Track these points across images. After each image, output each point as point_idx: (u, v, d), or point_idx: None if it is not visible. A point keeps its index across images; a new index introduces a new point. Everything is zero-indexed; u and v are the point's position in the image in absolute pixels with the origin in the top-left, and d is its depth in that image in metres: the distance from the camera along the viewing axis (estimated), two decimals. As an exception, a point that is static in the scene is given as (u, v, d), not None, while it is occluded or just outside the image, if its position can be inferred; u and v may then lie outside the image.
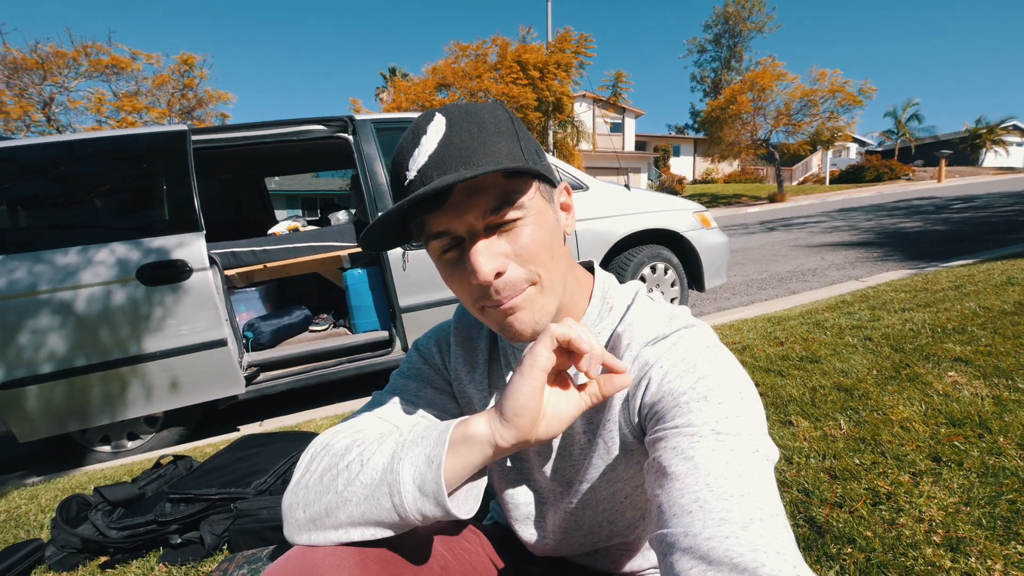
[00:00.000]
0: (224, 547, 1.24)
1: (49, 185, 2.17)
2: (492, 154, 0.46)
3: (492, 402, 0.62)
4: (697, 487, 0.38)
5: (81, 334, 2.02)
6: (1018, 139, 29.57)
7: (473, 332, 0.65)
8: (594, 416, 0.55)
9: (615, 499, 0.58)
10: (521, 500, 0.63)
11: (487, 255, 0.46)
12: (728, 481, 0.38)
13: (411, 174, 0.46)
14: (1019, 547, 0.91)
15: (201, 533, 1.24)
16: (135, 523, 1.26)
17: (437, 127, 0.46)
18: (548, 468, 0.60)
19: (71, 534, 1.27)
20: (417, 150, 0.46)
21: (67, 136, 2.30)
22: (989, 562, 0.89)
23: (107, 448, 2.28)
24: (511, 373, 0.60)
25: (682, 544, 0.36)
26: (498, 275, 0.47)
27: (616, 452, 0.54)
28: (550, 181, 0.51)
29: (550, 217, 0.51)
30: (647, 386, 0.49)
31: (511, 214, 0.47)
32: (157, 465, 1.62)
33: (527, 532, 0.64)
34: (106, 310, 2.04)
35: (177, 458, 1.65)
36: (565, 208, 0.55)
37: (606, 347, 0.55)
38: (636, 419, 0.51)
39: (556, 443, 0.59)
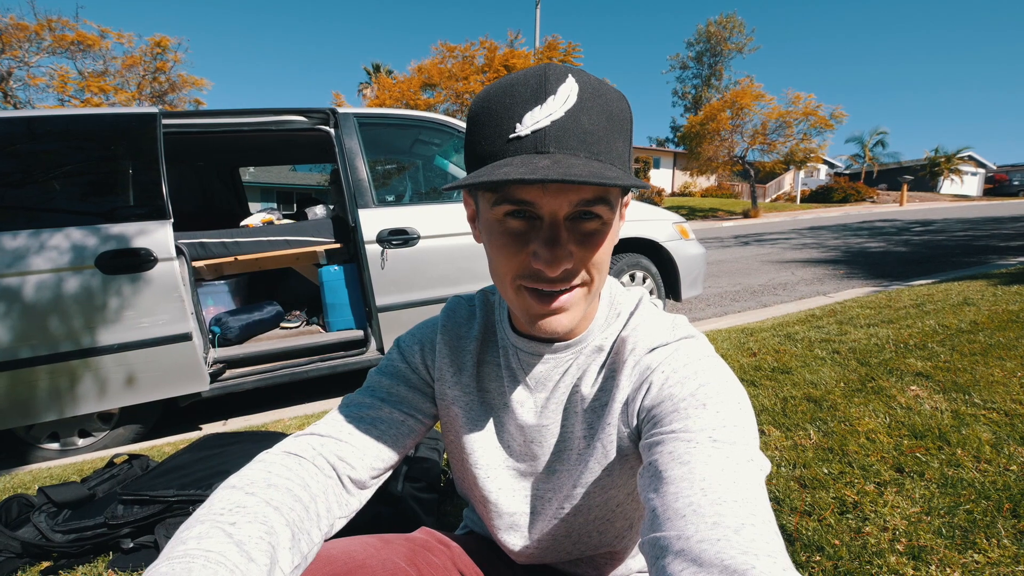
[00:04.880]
0: (180, 552, 1.18)
1: (3, 163, 2.04)
2: (613, 151, 0.43)
3: (482, 404, 0.61)
4: (691, 492, 0.38)
5: (34, 323, 1.89)
6: (972, 169, 31.42)
7: (463, 331, 0.63)
8: (594, 420, 0.55)
9: (607, 506, 0.57)
10: (508, 507, 0.61)
11: (565, 251, 0.44)
12: (722, 487, 0.38)
13: (524, 129, 0.41)
14: (976, 556, 0.94)
15: (156, 537, 1.17)
16: (82, 526, 1.18)
17: (567, 92, 0.42)
18: (543, 472, 0.59)
19: (10, 537, 1.18)
20: (539, 107, 0.41)
21: (26, 112, 2.17)
22: (948, 570, 0.91)
23: (55, 446, 2.14)
24: (510, 373, 0.58)
25: (675, 547, 0.35)
26: (563, 271, 0.46)
27: (613, 456, 0.54)
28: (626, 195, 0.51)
29: (617, 227, 0.50)
30: (648, 390, 0.50)
31: (601, 211, 0.45)
32: (110, 464, 1.53)
33: (512, 539, 0.62)
34: (62, 299, 1.92)
35: (132, 457, 1.56)
36: (620, 217, 0.55)
37: (610, 350, 0.55)
38: (635, 422, 0.51)
39: (553, 446, 0.58)
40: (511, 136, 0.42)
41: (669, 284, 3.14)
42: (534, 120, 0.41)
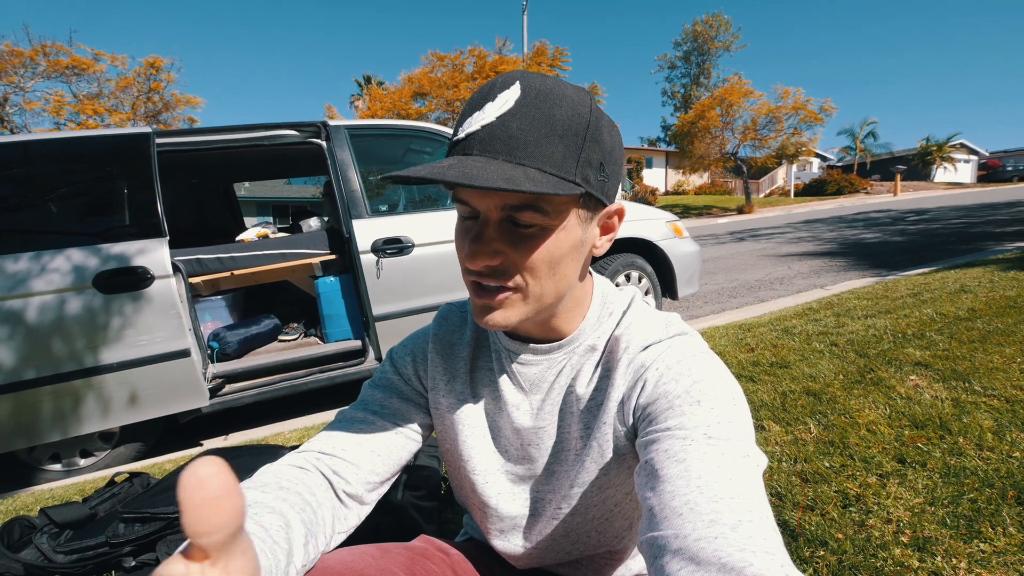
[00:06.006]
0: (183, 570, 1.17)
1: (1, 187, 2.04)
2: (541, 156, 0.42)
3: (476, 410, 0.61)
4: (688, 490, 0.38)
5: (32, 345, 1.89)
6: (965, 156, 31.54)
7: (455, 338, 0.63)
8: (590, 420, 0.55)
9: (605, 506, 0.57)
10: (507, 511, 0.61)
11: (487, 248, 0.46)
12: (718, 484, 0.38)
13: (462, 134, 0.44)
14: (982, 545, 0.94)
15: (157, 555, 1.16)
16: (84, 546, 1.18)
17: (506, 98, 0.43)
18: (541, 474, 0.59)
19: (12, 559, 1.17)
20: (479, 112, 0.44)
21: (22, 136, 2.18)
22: (954, 560, 0.91)
23: (57, 466, 2.14)
24: (504, 377, 0.59)
25: (672, 546, 0.35)
26: (487, 266, 0.47)
27: (609, 456, 0.54)
28: (598, 201, 0.48)
29: (574, 235, 0.47)
30: (643, 388, 0.50)
31: (531, 218, 0.44)
32: (111, 483, 1.52)
33: (511, 543, 0.62)
34: (60, 319, 1.92)
35: (133, 475, 1.56)
36: (607, 229, 0.53)
37: (604, 350, 0.56)
38: (630, 420, 0.51)
39: (550, 447, 0.58)
40: (454, 139, 0.45)
41: (665, 283, 3.14)
42: (470, 125, 0.44)
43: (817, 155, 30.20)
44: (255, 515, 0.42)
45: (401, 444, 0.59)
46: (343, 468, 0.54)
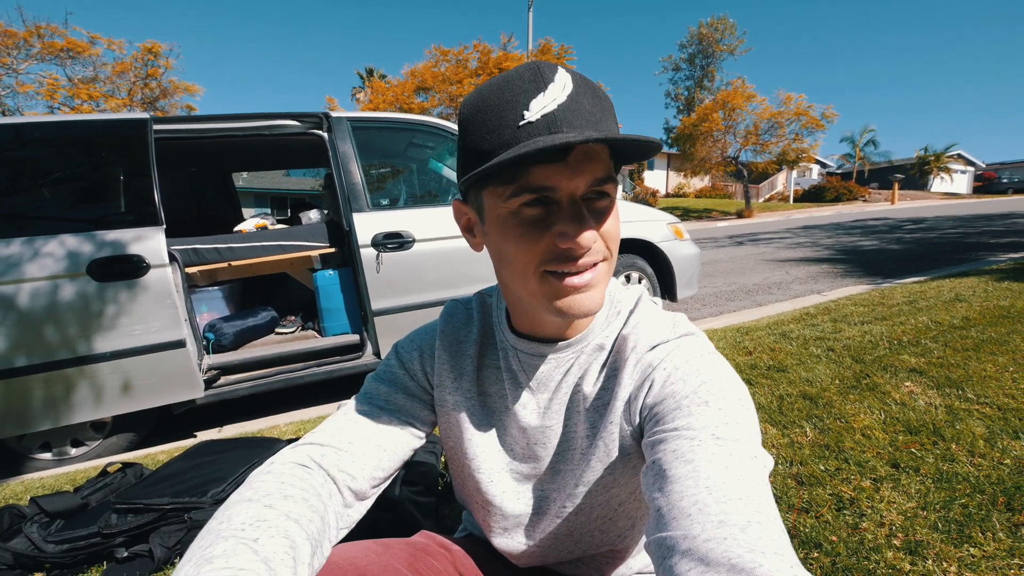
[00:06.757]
0: (176, 560, 1.16)
1: (-7, 171, 2.02)
2: (610, 129, 0.46)
3: (483, 408, 0.61)
4: (696, 490, 0.38)
5: (24, 331, 1.87)
6: (961, 167, 31.77)
7: (461, 336, 0.62)
8: (597, 419, 0.54)
9: (610, 505, 0.57)
10: (512, 510, 0.60)
11: (588, 226, 0.46)
12: (727, 485, 0.38)
13: (532, 115, 0.43)
14: (972, 549, 0.95)
15: (151, 546, 1.15)
16: (76, 536, 1.17)
17: (564, 80, 0.44)
18: (546, 472, 0.59)
19: (2, 549, 1.16)
20: (542, 94, 0.43)
21: (15, 119, 2.15)
22: (945, 564, 0.92)
23: (47, 455, 2.12)
24: (511, 375, 0.58)
25: (681, 547, 0.35)
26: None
27: (615, 455, 0.53)
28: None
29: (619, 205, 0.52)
30: (650, 388, 0.50)
31: (610, 188, 0.47)
32: (103, 473, 1.51)
33: (513, 541, 0.62)
34: (53, 306, 1.90)
35: (126, 465, 1.55)
36: None
37: (612, 349, 0.55)
38: (637, 420, 0.51)
39: (555, 446, 0.58)
40: (520, 124, 0.43)
41: (665, 285, 3.15)
42: (541, 106, 0.43)
43: (817, 161, 30.37)
44: (257, 541, 0.40)
45: (405, 440, 0.59)
46: (350, 464, 0.53)
